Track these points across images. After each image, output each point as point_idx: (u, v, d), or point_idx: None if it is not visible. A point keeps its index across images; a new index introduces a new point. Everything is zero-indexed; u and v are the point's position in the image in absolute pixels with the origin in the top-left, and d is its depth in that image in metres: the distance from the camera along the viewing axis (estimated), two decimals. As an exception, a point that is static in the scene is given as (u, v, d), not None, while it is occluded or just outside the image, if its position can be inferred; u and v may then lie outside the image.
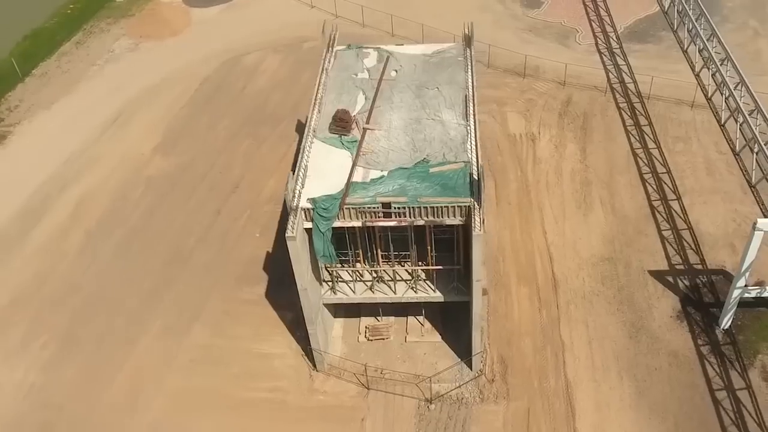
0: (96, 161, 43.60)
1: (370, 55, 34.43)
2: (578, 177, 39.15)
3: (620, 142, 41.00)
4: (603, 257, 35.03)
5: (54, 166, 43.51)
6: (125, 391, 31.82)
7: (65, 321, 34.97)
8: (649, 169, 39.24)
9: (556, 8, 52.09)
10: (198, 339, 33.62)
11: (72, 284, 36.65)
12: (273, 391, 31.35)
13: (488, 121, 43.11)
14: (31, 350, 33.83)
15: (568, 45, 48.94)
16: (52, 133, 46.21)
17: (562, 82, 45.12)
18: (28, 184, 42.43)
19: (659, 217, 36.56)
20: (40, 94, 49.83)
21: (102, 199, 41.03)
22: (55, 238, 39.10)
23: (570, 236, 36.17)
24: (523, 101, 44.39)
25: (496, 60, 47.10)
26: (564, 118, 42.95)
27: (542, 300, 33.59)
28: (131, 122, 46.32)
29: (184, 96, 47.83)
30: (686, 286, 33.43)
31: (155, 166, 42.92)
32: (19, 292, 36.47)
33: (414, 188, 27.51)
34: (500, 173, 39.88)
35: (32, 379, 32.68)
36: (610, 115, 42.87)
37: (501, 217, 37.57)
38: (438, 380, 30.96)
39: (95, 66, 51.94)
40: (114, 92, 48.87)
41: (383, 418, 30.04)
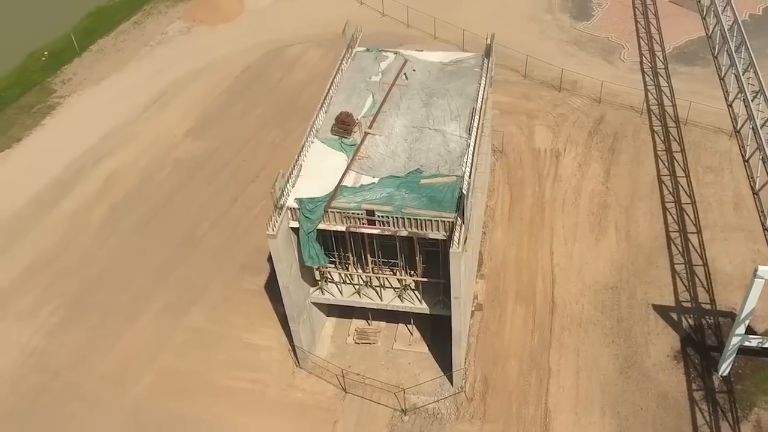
0: (131, 139, 44.40)
1: (387, 59, 33.48)
2: (597, 199, 37.18)
3: (647, 167, 38.69)
4: (607, 285, 33.16)
5: (93, 140, 44.55)
6: (117, 365, 32.27)
7: (76, 290, 35.79)
8: (673, 198, 36.87)
9: (606, 22, 49.61)
10: (194, 322, 33.76)
11: (88, 255, 37.47)
12: (254, 383, 31.15)
13: (515, 133, 41.55)
14: (40, 315, 34.77)
15: (612, 61, 46.53)
16: (96, 107, 47.32)
17: (598, 99, 42.93)
18: (67, 155, 43.60)
19: (674, 250, 34.32)
20: (93, 69, 51.13)
21: (130, 176, 41.75)
22: (81, 209, 40.06)
23: (577, 259, 34.41)
24: (554, 115, 42.50)
25: (534, 71, 45.28)
26: (593, 136, 40.87)
27: (536, 322, 32.08)
28: (170, 104, 46.93)
29: (223, 82, 48.11)
30: (690, 326, 31.26)
31: (184, 149, 43.36)
32: (40, 256, 37.56)
33: (401, 198, 26.58)
34: (518, 187, 38.33)
35: (36, 342, 33.59)
36: (642, 137, 40.52)
37: (510, 232, 36.11)
38: (417, 392, 30.04)
39: (147, 46, 52.88)
40: (160, 73, 49.64)
41: (355, 423, 29.38)
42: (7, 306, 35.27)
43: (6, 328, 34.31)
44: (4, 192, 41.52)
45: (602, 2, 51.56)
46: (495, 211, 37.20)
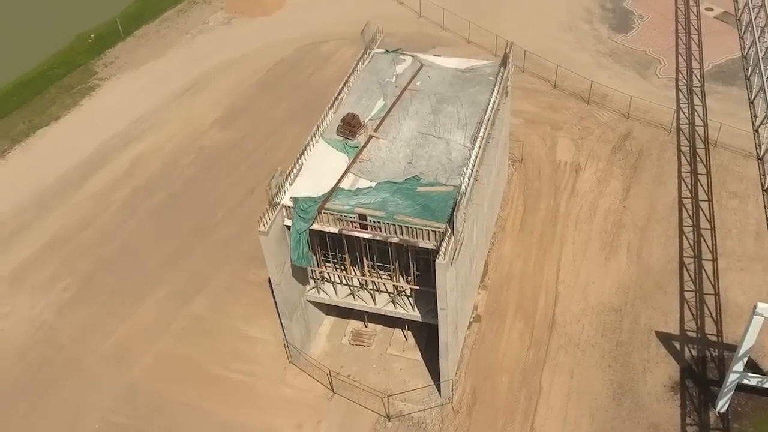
0: (161, 124, 44.92)
1: (404, 62, 32.88)
2: (612, 217, 35.79)
3: (669, 188, 37.03)
4: (611, 307, 31.89)
5: (125, 123, 45.25)
6: (119, 345, 32.73)
7: (90, 268, 36.43)
8: (692, 222, 35.21)
9: (646, 35, 47.68)
10: (196, 309, 33.95)
11: (106, 235, 38.10)
12: (246, 375, 31.12)
13: (536, 144, 40.37)
14: (53, 289, 35.54)
15: (646, 76, 44.69)
16: (132, 91, 48.04)
17: (627, 114, 41.32)
18: (99, 136, 44.40)
19: (686, 276, 32.76)
20: (134, 54, 51.97)
21: (155, 161, 42.26)
22: (105, 190, 40.76)
23: (583, 278, 33.20)
24: (579, 128, 41.10)
25: (564, 81, 43.88)
26: (617, 152, 39.35)
27: (534, 339, 31.11)
28: (202, 93, 47.29)
29: (255, 74, 48.23)
30: (692, 357, 29.79)
31: (210, 138, 43.65)
32: (61, 233, 38.38)
33: (395, 204, 26.02)
34: (532, 199, 37.22)
35: (46, 316, 34.34)
36: (667, 157, 38.80)
37: (519, 245, 35.10)
38: (405, 399, 29.52)
39: (188, 35, 53.41)
40: (196, 62, 50.06)
41: (339, 424, 29.04)
42: (25, 278, 36.17)
43: (22, 300, 35.19)
44: (36, 168, 42.60)
45: (645, 15, 49.56)
46: (506, 222, 36.22)
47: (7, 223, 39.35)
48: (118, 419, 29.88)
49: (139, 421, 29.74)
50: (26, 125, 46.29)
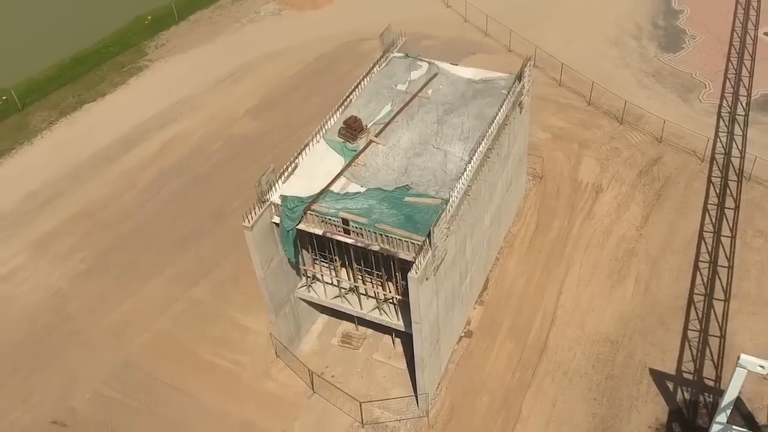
0: (197, 109, 45.63)
1: (420, 69, 32.09)
2: (625, 245, 34.04)
3: (691, 220, 34.92)
4: (608, 338, 30.37)
5: (164, 105, 46.21)
6: (122, 320, 33.46)
7: (108, 242, 37.41)
8: (709, 258, 33.09)
9: (695, 57, 45.04)
10: (198, 293, 34.34)
11: (128, 212, 39.02)
12: (234, 364, 31.28)
13: (560, 161, 38.83)
14: (71, 260, 36.69)
15: (688, 100, 42.23)
16: (177, 75, 49.01)
17: (660, 138, 39.19)
18: (139, 116, 45.49)
19: (693, 314, 30.83)
20: (185, 38, 52.98)
21: (185, 145, 42.97)
22: (134, 169, 41.75)
23: (584, 304, 31.75)
24: (607, 148, 39.27)
25: (600, 98, 42.00)
26: (643, 177, 37.38)
27: (522, 361, 29.97)
28: (241, 81, 47.74)
29: (295, 67, 48.30)
30: (684, 400, 28.03)
31: (240, 126, 44.06)
32: (87, 206, 39.55)
33: (380, 212, 25.47)
34: (546, 217, 35.83)
35: (61, 284, 35.47)
36: (695, 187, 36.57)
37: (524, 263, 33.88)
38: (383, 407, 29.02)
39: (239, 23, 54.01)
40: (241, 50, 50.58)
41: (314, 424, 28.80)
42: (48, 246, 37.48)
43: (42, 267, 36.48)
44: (77, 142, 44.05)
45: (697, 35, 46.86)
46: (516, 239, 35.02)
47: (42, 192, 40.87)
48: (108, 392, 30.58)
49: (127, 397, 30.34)
50: (75, 99, 47.94)
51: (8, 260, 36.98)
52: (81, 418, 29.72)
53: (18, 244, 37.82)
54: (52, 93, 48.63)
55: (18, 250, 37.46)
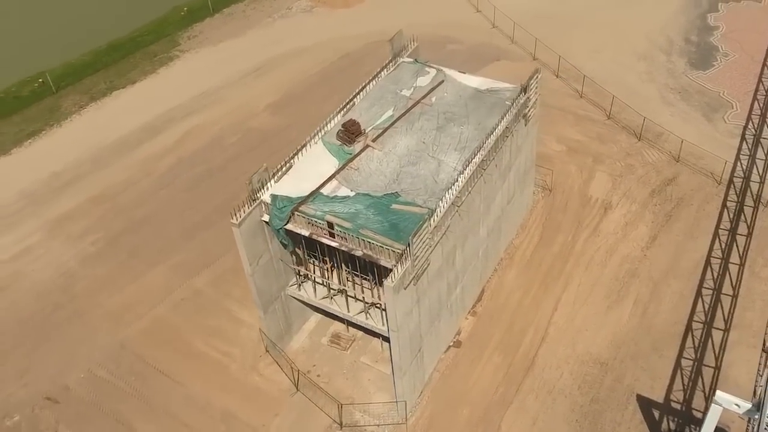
0: (219, 101, 46.13)
1: (427, 75, 31.68)
2: (628, 265, 33.00)
3: (700, 244, 33.62)
4: (598, 359, 29.51)
5: (189, 96, 46.86)
6: (123, 304, 34.06)
7: (119, 227, 38.13)
8: (714, 285, 31.81)
9: (724, 75, 43.29)
10: (198, 283, 34.73)
11: (142, 199, 39.71)
12: (224, 355, 31.53)
13: (572, 174, 37.89)
14: (84, 241, 37.54)
15: (712, 120, 40.65)
16: (204, 66, 49.66)
17: (677, 157, 37.86)
18: (163, 105, 46.25)
19: (689, 342, 29.71)
20: (217, 30, 53.63)
21: (204, 136, 43.50)
22: (153, 157, 42.45)
23: (578, 324, 30.92)
24: (622, 164, 38.11)
25: (620, 113, 40.80)
26: (655, 196, 36.16)
27: (507, 376, 29.37)
28: (265, 76, 48.07)
29: (319, 65, 48.36)
30: (669, 430, 27.03)
31: (258, 121, 44.35)
32: (105, 190, 40.40)
33: (366, 218, 25.25)
34: (550, 232, 35.00)
35: (71, 265, 36.33)
36: (708, 210, 35.19)
37: (522, 277, 33.19)
38: (364, 410, 28.86)
39: (270, 18, 54.41)
40: (270, 45, 50.93)
41: (293, 422, 28.80)
42: (63, 227, 38.45)
43: (55, 246, 37.46)
44: (103, 127, 45.04)
45: (730, 53, 45.05)
46: (517, 251, 34.33)
47: (64, 173, 41.96)
48: (101, 373, 31.21)
49: (118, 379, 30.88)
50: (106, 85, 49.02)
51: (25, 238, 38.09)
52: (73, 397, 30.40)
53: (36, 222, 38.91)
54: (86, 78, 49.87)
55: (35, 229, 38.54)
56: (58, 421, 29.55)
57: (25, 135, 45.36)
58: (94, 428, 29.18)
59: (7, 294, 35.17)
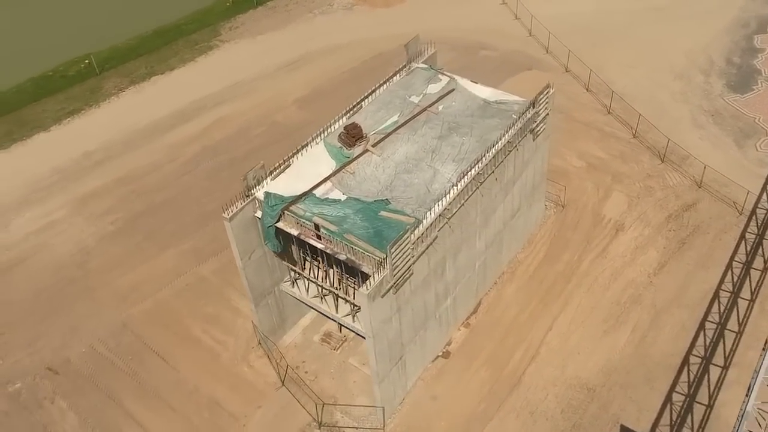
0: (250, 93, 46.56)
1: (439, 82, 31.11)
2: (632, 290, 31.75)
3: (711, 275, 32.03)
4: (585, 385, 28.50)
5: (222, 86, 47.47)
6: (131, 284, 34.79)
7: (139, 209, 38.99)
8: (719, 319, 30.26)
9: (763, 101, 40.93)
10: (203, 270, 35.20)
11: (164, 183, 40.47)
12: (218, 343, 31.89)
13: (588, 192, 36.68)
14: (103, 221, 38.55)
15: (743, 146, 38.60)
16: (241, 58, 50.21)
17: (699, 182, 36.17)
18: (197, 93, 46.99)
19: (684, 376, 28.39)
20: (258, 23, 54.12)
21: (230, 126, 43.99)
22: (181, 143, 43.22)
23: (571, 346, 29.94)
24: (641, 186, 36.65)
25: (647, 132, 39.22)
26: (671, 221, 34.65)
27: (491, 392, 28.70)
28: (298, 71, 48.26)
29: (352, 63, 48.21)
30: (649, 465, 26.01)
31: (284, 115, 44.57)
32: (130, 172, 41.36)
33: (352, 222, 25.01)
34: (557, 249, 33.99)
35: (89, 242, 37.35)
36: (725, 240, 33.49)
37: (521, 293, 32.36)
38: (345, 412, 28.75)
39: (311, 13, 54.58)
40: (307, 41, 51.12)
41: (274, 416, 28.90)
42: (87, 204, 39.59)
43: (78, 222, 38.61)
44: (138, 110, 46.09)
45: (773, 77, 42.85)
46: (519, 266, 33.49)
47: (96, 153, 43.17)
48: (101, 350, 32.00)
49: (116, 357, 31.60)
50: (146, 70, 50.14)
51: (51, 212, 39.39)
52: (72, 369, 31.27)
53: (63, 198, 40.18)
54: (129, 62, 51.12)
55: (62, 204, 39.80)
56: (55, 392, 30.47)
57: (65, 113, 46.88)
58: (87, 402, 29.98)
59: (28, 264, 36.47)
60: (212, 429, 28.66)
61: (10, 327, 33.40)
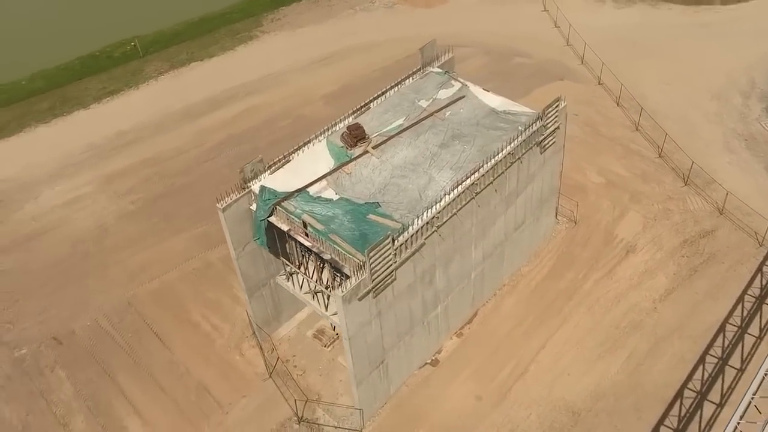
0: (281, 85, 46.66)
1: (451, 88, 30.34)
2: (633, 315, 30.37)
3: (720, 307, 30.30)
4: (571, 408, 27.43)
5: (256, 76, 47.75)
6: (141, 264, 35.43)
7: (160, 191, 39.65)
8: (721, 353, 28.63)
9: (803, 128, 38.69)
10: (212, 256, 35.49)
11: (187, 168, 41.01)
12: (214, 329, 32.13)
13: (603, 209, 35.27)
14: (125, 200, 39.36)
15: (774, 174, 36.54)
16: (278, 50, 50.36)
17: (721, 209, 34.31)
18: (231, 81, 47.40)
19: (675, 410, 26.97)
20: (300, 16, 54.15)
21: (257, 117, 44.19)
22: (208, 130, 43.70)
23: (562, 366, 28.86)
24: (659, 207, 35.01)
25: (674, 153, 37.42)
26: (685, 247, 32.97)
27: (474, 406, 27.89)
28: (330, 66, 48.08)
29: (384, 61, 47.57)
30: (624, 497, 24.82)
31: (311, 109, 44.46)
32: (157, 155, 42.10)
33: (340, 223, 24.67)
34: (562, 266, 32.82)
35: (108, 219, 38.18)
36: (740, 272, 31.61)
37: (520, 306, 31.40)
38: (326, 410, 28.54)
39: (352, 10, 54.29)
40: (344, 36, 50.86)
41: (256, 407, 28.93)
42: (112, 182, 40.50)
43: (101, 200, 39.54)
44: (173, 95, 46.85)
45: (818, 105, 40.17)
46: (523, 279, 32.49)
47: (129, 133, 44.11)
48: (104, 325, 32.69)
49: (117, 333, 32.23)
50: (186, 56, 50.90)
51: (79, 187, 40.47)
52: (75, 341, 32.06)
53: (91, 175, 41.22)
54: (172, 47, 52.00)
55: (89, 180, 40.85)
56: (56, 362, 31.32)
57: (106, 93, 48.05)
58: (84, 374, 30.69)
59: (49, 236, 37.59)
60: (196, 413, 28.93)
61: (25, 294, 34.52)
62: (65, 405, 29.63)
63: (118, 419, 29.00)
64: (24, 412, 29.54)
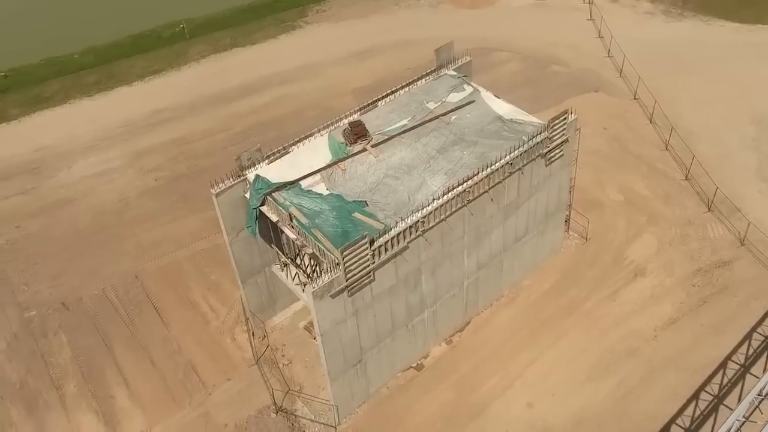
0: (315, 76, 46.48)
1: (462, 92, 29.35)
2: (631, 341, 28.78)
3: (724, 341, 28.37)
4: (549, 429, 26.23)
5: (293, 65, 47.74)
6: (154, 240, 35.98)
7: (182, 172, 40.17)
8: (718, 391, 26.80)
9: None
10: (220, 238, 34.76)
11: (212, 150, 41.32)
12: (211, 311, 32.35)
13: (618, 229, 33.62)
14: (149, 177, 40.07)
15: (807, 208, 33.91)
16: (319, 41, 50.23)
17: (743, 240, 32.14)
18: (268, 69, 47.57)
19: (663, 443, 25.51)
20: (344, 9, 53.89)
21: (287, 106, 44.15)
22: (238, 115, 44.00)
23: (548, 386, 27.63)
24: (677, 232, 33.09)
25: (701, 176, 35.27)
26: (698, 276, 31.05)
27: (451, 417, 27.10)
28: (367, 61, 47.56)
29: (418, 60, 46.07)
30: None
31: (341, 101, 43.92)
32: (186, 135, 42.65)
33: (325, 219, 24.26)
34: (566, 284, 31.44)
35: (131, 194, 38.97)
36: (753, 307, 29.51)
37: (516, 319, 30.28)
38: (306, 402, 28.30)
39: (396, 6, 53.61)
40: (384, 32, 50.25)
41: (237, 391, 28.91)
42: (141, 159, 41.30)
43: (128, 174, 40.41)
44: (211, 79, 47.33)
45: None
46: (522, 293, 31.35)
47: (164, 112, 44.90)
48: (110, 295, 33.40)
49: (120, 304, 32.84)
50: (230, 42, 51.42)
51: (110, 160, 41.49)
52: (81, 309, 32.86)
53: (123, 149, 42.18)
54: (217, 31, 52.62)
55: (120, 155, 41.81)
56: (60, 326, 32.17)
57: (150, 71, 49.06)
58: (83, 341, 31.43)
59: (75, 205, 38.67)
60: (181, 390, 29.18)
61: (43, 258, 35.62)
62: (62, 368, 30.43)
63: (107, 387, 29.58)
64: (24, 371, 30.51)
